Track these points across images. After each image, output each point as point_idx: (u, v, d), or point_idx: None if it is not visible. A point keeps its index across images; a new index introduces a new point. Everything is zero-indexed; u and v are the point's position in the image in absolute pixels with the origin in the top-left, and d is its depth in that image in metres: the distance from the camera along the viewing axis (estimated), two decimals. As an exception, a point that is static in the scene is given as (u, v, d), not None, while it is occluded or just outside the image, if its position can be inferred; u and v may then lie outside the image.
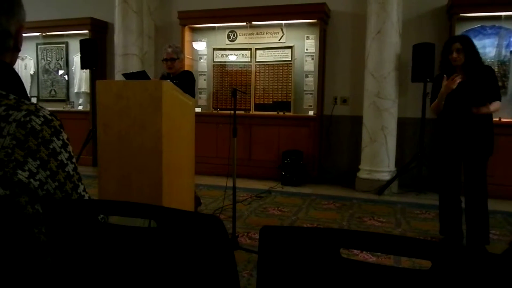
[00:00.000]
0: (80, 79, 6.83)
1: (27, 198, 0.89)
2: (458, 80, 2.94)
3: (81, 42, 6.11)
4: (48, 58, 6.99)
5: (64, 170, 0.95)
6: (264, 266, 0.79)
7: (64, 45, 6.90)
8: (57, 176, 0.93)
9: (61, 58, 6.93)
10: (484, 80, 2.97)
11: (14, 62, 1.03)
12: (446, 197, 3.19)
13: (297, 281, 0.76)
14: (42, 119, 0.91)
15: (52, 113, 0.95)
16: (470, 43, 3.04)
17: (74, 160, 0.98)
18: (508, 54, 4.91)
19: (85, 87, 6.79)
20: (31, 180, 0.88)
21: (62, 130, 0.95)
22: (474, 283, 0.66)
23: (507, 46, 4.90)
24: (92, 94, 6.28)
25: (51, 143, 0.92)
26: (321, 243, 0.73)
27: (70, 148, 0.97)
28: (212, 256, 0.81)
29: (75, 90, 6.90)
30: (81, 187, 1.00)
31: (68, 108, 6.77)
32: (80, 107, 6.81)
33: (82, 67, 6.21)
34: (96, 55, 6.09)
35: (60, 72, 6.95)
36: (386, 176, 4.92)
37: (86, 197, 1.02)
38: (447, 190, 3.18)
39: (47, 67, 7.01)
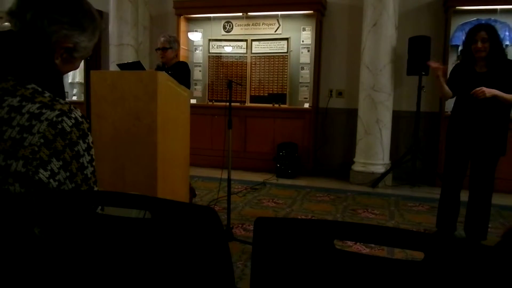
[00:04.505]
0: (74, 69, 6.75)
1: None
2: None
3: (75, 31, 6.03)
4: (42, 48, 6.90)
5: (83, 172, 0.96)
6: (258, 257, 0.79)
7: (58, 34, 6.81)
8: (75, 178, 0.94)
9: (55, 48, 6.85)
10: (506, 74, 2.76)
11: (64, 71, 1.06)
12: (448, 192, 3.13)
13: (291, 272, 0.77)
14: (73, 120, 0.92)
15: (83, 115, 0.96)
16: (496, 33, 2.79)
17: (94, 163, 0.99)
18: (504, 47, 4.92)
19: (79, 77, 6.71)
20: (51, 180, 0.89)
21: (89, 133, 0.97)
22: (467, 274, 0.66)
23: (503, 39, 4.91)
24: (87, 84, 6.21)
25: (77, 146, 0.93)
26: (315, 234, 0.73)
27: (92, 151, 0.98)
28: (207, 247, 0.82)
29: (69, 80, 6.82)
30: (95, 190, 1.01)
31: (62, 98, 6.71)
32: (74, 98, 6.75)
33: (76, 57, 6.13)
34: (91, 45, 6.02)
35: (54, 62, 6.87)
36: (380, 169, 4.95)
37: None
38: (450, 185, 3.11)
39: (40, 56, 6.92)
